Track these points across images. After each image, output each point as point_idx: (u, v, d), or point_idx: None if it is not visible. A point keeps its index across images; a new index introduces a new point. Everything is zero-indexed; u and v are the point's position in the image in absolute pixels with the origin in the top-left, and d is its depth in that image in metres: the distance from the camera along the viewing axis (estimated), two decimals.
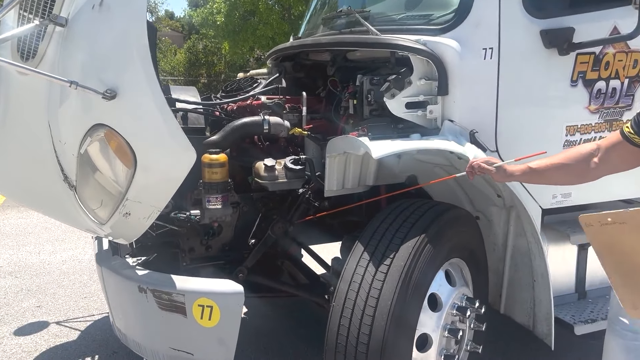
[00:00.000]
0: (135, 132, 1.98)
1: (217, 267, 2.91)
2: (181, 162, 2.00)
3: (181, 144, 1.99)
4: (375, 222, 2.39)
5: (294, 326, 3.90)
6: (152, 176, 2.05)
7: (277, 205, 2.97)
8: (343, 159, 2.66)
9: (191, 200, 2.75)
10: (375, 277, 2.18)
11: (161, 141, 1.98)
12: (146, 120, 1.96)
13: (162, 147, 1.99)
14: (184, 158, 2.00)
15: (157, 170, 2.03)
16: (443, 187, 3.05)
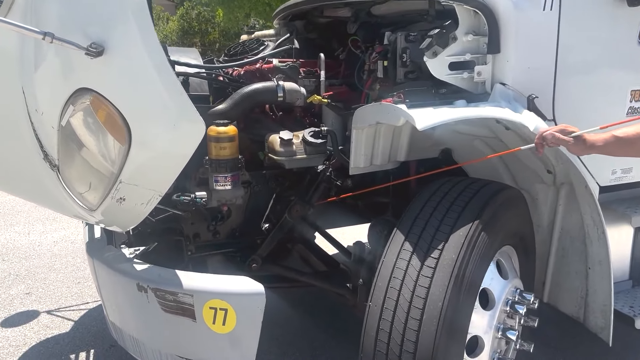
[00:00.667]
0: (129, 98, 1.58)
1: (226, 256, 2.55)
2: (188, 136, 1.61)
3: (187, 113, 1.59)
4: (416, 205, 2.01)
5: (309, 315, 3.57)
6: (151, 153, 1.66)
7: (293, 184, 2.60)
8: (372, 131, 2.27)
9: (196, 180, 2.37)
10: (421, 272, 1.82)
11: (162, 110, 1.59)
12: (142, 83, 1.56)
13: (163, 118, 1.60)
14: (191, 131, 1.61)
15: (157, 146, 1.64)
16: (480, 162, 2.68)
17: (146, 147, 1.64)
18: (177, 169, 1.70)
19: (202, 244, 2.51)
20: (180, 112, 1.59)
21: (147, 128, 1.61)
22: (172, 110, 1.59)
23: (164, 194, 1.77)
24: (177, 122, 1.60)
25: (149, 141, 1.63)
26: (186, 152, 1.64)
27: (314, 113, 2.84)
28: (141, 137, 1.61)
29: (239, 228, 2.58)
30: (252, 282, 1.80)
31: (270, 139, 2.44)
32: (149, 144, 1.64)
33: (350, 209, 2.81)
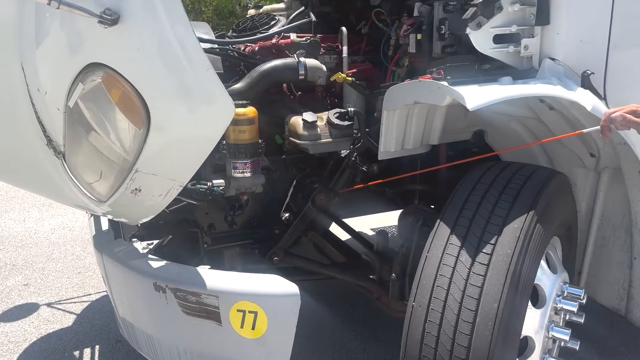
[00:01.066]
0: (148, 74, 1.37)
1: (243, 249, 2.36)
2: (215, 117, 1.41)
3: (215, 92, 1.38)
4: (461, 194, 1.83)
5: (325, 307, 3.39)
6: (173, 138, 1.46)
7: (315, 170, 2.40)
8: (405, 113, 2.08)
9: (211, 166, 2.17)
10: (472, 270, 1.63)
11: (186, 88, 1.37)
12: (163, 56, 1.35)
13: (187, 97, 1.39)
14: (219, 112, 1.41)
15: (179, 130, 1.44)
16: (514, 144, 2.49)
17: (167, 131, 1.43)
18: (202, 156, 1.50)
19: (218, 236, 2.31)
20: (207, 91, 1.38)
21: (168, 109, 1.40)
22: (197, 88, 1.37)
23: (185, 184, 1.56)
24: (204, 101, 1.39)
25: (170, 124, 1.42)
26: (213, 136, 1.44)
27: (334, 93, 2.63)
28: (161, 119, 1.40)
29: (257, 218, 2.38)
30: (285, 282, 1.61)
31: (292, 121, 2.23)
32: (171, 127, 1.43)
33: (375, 197, 2.61)
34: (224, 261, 2.32)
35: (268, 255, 2.26)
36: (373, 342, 3.03)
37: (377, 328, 3.16)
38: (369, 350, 2.97)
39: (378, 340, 3.05)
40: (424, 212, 2.20)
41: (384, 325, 3.18)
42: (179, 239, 2.15)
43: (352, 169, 2.31)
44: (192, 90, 1.38)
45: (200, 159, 1.50)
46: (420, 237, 2.12)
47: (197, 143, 1.47)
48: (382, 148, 2.12)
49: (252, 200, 2.33)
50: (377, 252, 2.64)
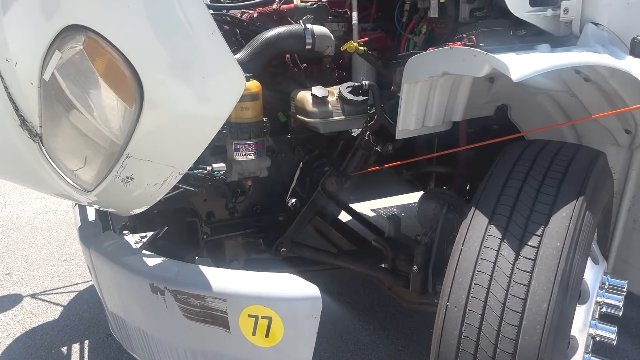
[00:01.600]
0: (140, 39, 1.12)
1: (245, 238, 2.14)
2: (222, 92, 1.17)
3: (222, 60, 1.14)
4: (497, 178, 1.61)
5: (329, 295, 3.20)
6: (171, 117, 1.22)
7: (324, 151, 2.17)
8: (427, 86, 1.85)
9: (210, 148, 1.93)
10: (516, 265, 1.43)
11: (187, 56, 1.13)
12: (159, 17, 1.10)
13: (188, 67, 1.14)
14: (227, 85, 1.17)
15: (179, 107, 1.19)
16: (540, 120, 2.29)
17: (164, 109, 1.19)
18: (205, 138, 1.26)
19: (218, 225, 2.09)
20: (213, 59, 1.14)
21: (165, 81, 1.15)
22: (201, 55, 1.13)
23: (185, 172, 1.33)
24: (208, 72, 1.14)
25: (168, 100, 1.18)
26: (219, 114, 1.21)
27: (342, 65, 2.38)
28: (157, 94, 1.16)
29: (260, 204, 2.16)
30: (303, 284, 1.40)
31: (299, 96, 1.99)
32: (169, 103, 1.19)
33: (390, 179, 2.40)
34: (225, 253, 2.10)
35: (275, 246, 2.04)
36: (382, 333, 2.85)
37: (385, 317, 2.99)
38: (378, 341, 2.79)
39: (387, 330, 2.87)
40: (449, 196, 1.99)
41: (392, 314, 3.00)
42: (176, 230, 1.92)
43: (365, 150, 2.09)
44: (195, 58, 1.14)
45: (204, 141, 1.27)
46: (445, 225, 1.91)
47: (200, 123, 1.23)
48: (400, 126, 1.90)
49: (255, 184, 2.10)
50: (389, 239, 2.44)
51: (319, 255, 2.18)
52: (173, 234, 1.90)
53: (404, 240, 2.44)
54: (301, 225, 2.08)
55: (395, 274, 2.21)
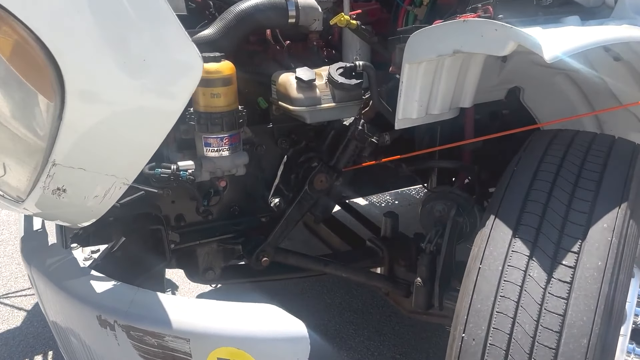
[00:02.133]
0: (57, 13, 0.81)
1: (222, 245, 1.85)
2: (174, 79, 0.86)
3: (173, 39, 0.84)
4: (521, 179, 1.34)
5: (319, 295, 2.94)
6: (106, 114, 0.91)
7: (311, 143, 1.88)
8: (433, 67, 1.56)
9: (175, 143, 1.63)
10: (548, 290, 1.17)
11: (122, 32, 0.82)
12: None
13: (124, 47, 0.83)
14: (180, 70, 0.86)
15: (116, 101, 0.88)
16: (556, 104, 2.02)
17: (92, 102, 0.88)
18: (154, 140, 0.97)
19: (189, 230, 1.80)
20: (157, 35, 0.83)
21: (91, 66, 0.84)
22: (139, 31, 0.82)
23: (131, 182, 1.03)
24: (152, 53, 0.84)
25: (96, 90, 0.87)
26: (172, 108, 0.92)
27: (330, 42, 2.07)
28: (81, 83, 0.86)
29: (239, 204, 1.87)
30: (287, 319, 1.12)
31: (282, 80, 1.69)
32: (98, 95, 0.88)
33: (387, 173, 2.11)
34: (197, 262, 1.81)
35: (255, 254, 1.76)
36: (377, 338, 2.60)
37: (380, 319, 2.74)
38: (373, 348, 2.54)
39: (382, 335, 2.62)
40: (457, 196, 1.71)
41: (388, 316, 2.75)
42: (137, 240, 1.63)
43: (359, 141, 1.80)
44: (130, 34, 0.83)
45: (153, 143, 0.98)
46: (454, 231, 1.64)
47: (145, 119, 0.93)
48: (400, 114, 1.62)
49: (232, 182, 1.81)
50: (385, 239, 2.18)
51: (307, 263, 1.91)
52: (133, 245, 1.60)
53: (402, 240, 2.18)
54: (286, 230, 1.80)
55: (394, 282, 1.94)
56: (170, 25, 0.87)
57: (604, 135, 1.50)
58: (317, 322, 2.72)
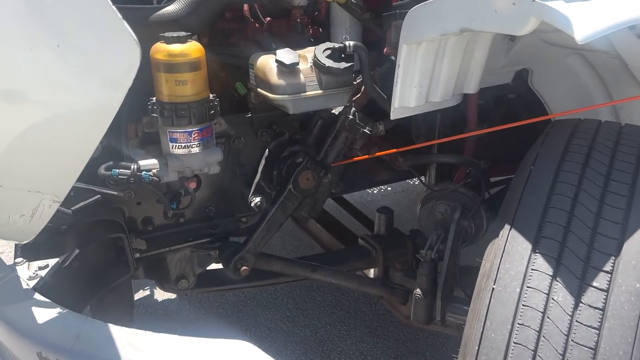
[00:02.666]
0: None
1: (197, 251, 1.64)
2: (105, 70, 0.65)
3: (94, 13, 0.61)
4: (540, 180, 1.14)
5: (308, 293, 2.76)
6: (19, 116, 0.69)
7: (296, 134, 1.66)
8: (434, 47, 1.35)
9: (137, 137, 1.42)
10: (576, 317, 0.98)
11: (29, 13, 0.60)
12: None
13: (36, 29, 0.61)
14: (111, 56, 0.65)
15: (18, 98, 0.66)
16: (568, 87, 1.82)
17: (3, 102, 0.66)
18: (85, 146, 0.75)
19: (157, 235, 1.59)
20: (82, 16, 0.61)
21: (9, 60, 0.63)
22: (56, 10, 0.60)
23: (63, 197, 0.81)
24: (69, 38, 0.62)
25: (7, 88, 0.65)
26: (102, 105, 0.71)
27: (317, 19, 1.84)
28: None
29: (214, 204, 1.66)
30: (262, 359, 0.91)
31: (260, 63, 1.46)
32: (8, 94, 0.66)
33: (381, 167, 1.90)
34: (167, 272, 1.61)
35: (233, 263, 1.56)
36: (370, 340, 2.43)
37: (373, 319, 2.56)
38: (367, 351, 2.36)
39: (376, 337, 2.45)
40: (461, 195, 1.51)
41: (381, 315, 2.57)
42: (94, 251, 1.42)
43: (350, 132, 1.60)
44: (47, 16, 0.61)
45: (84, 151, 0.76)
46: (458, 236, 1.44)
47: (71, 121, 0.71)
48: (396, 102, 1.42)
49: (206, 179, 1.60)
50: (379, 237, 1.98)
51: (293, 269, 1.71)
52: (91, 257, 1.39)
53: (398, 238, 1.98)
54: (268, 234, 1.60)
55: (390, 289, 1.75)
56: (104, 5, 0.65)
57: (633, 126, 1.30)
58: (306, 322, 2.54)
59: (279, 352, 2.36)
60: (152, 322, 2.55)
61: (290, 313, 2.61)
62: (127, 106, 1.35)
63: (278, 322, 2.55)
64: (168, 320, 2.58)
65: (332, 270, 1.76)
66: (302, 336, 2.46)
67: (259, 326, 2.52)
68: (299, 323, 2.54)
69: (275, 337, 2.45)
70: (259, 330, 2.49)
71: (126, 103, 1.00)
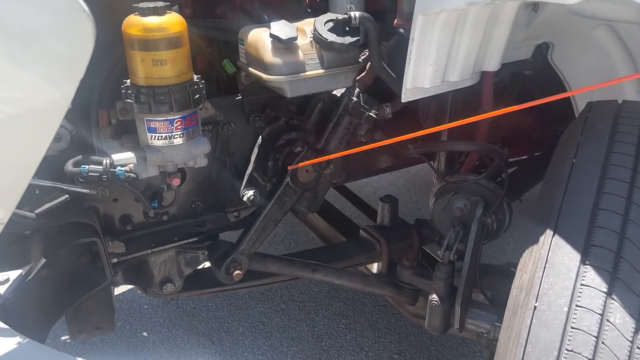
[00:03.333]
0: None
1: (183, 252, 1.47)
2: (50, 48, 0.46)
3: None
4: (586, 174, 0.97)
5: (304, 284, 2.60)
6: None
7: (292, 119, 1.47)
8: (454, 19, 1.17)
9: (111, 126, 1.23)
10: (637, 342, 0.82)
11: None
12: None
13: None
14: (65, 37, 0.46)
15: None
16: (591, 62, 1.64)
17: None
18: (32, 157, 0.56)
19: (138, 235, 1.40)
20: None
21: None
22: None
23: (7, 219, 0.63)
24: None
25: None
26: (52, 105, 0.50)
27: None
28: None
29: (202, 198, 1.48)
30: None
31: (252, 38, 1.26)
32: None
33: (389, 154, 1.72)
34: (151, 277, 1.44)
35: (225, 266, 1.38)
36: (371, 335, 2.29)
37: (374, 311, 2.41)
38: (367, 347, 2.22)
39: (377, 330, 2.31)
40: (483, 188, 1.34)
41: (382, 307, 2.43)
42: (65, 259, 1.23)
43: (354, 116, 1.41)
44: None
45: (29, 159, 0.57)
46: (480, 235, 1.28)
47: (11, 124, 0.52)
48: (409, 83, 1.25)
49: (192, 171, 1.41)
50: (383, 228, 1.82)
51: (291, 269, 1.54)
52: (60, 266, 1.21)
53: (403, 230, 1.82)
54: (263, 232, 1.42)
55: (398, 288, 1.59)
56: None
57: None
58: (302, 315, 2.39)
59: (274, 349, 2.21)
60: (137, 320, 2.38)
61: (286, 306, 2.45)
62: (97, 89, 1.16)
63: (272, 316, 2.39)
64: (155, 316, 2.41)
65: (334, 269, 1.60)
66: (299, 331, 2.31)
67: (252, 320, 2.36)
68: (294, 317, 2.39)
69: (270, 333, 2.29)
70: (252, 326, 2.33)
71: (96, 86, 0.82)
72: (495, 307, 1.32)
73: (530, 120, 2.06)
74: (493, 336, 1.29)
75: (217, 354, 2.20)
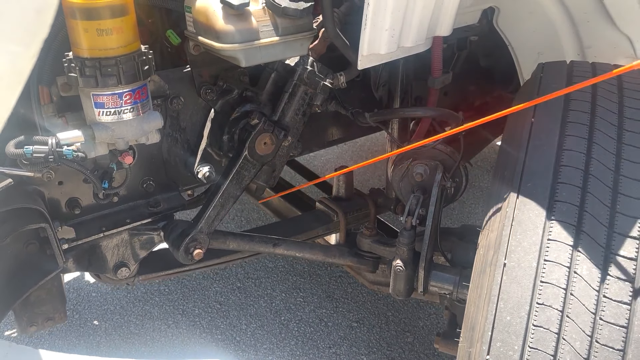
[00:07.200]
0: None
1: (137, 234, 1.40)
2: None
3: None
4: (545, 131, 1.00)
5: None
6: None
7: (246, 91, 1.42)
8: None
9: (51, 102, 1.14)
10: (604, 291, 0.87)
11: None
12: None
13: None
14: None
15: None
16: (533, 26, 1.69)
17: None
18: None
19: (88, 219, 1.33)
20: None
21: None
22: None
23: None
24: None
25: None
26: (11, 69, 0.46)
27: None
28: None
29: (154, 177, 1.41)
30: None
31: (200, 5, 1.20)
32: None
33: (338, 124, 1.70)
34: (105, 263, 1.37)
35: (184, 245, 1.33)
36: (329, 305, 2.31)
37: (330, 282, 2.43)
38: (326, 317, 2.24)
39: (335, 301, 2.33)
40: (440, 153, 1.35)
41: (338, 277, 2.45)
42: (12, 248, 1.15)
43: (310, 85, 1.38)
44: None
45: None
46: (440, 199, 1.29)
47: None
48: (365, 49, 1.24)
49: (142, 149, 1.34)
50: (339, 199, 1.83)
51: (252, 245, 1.51)
52: (6, 256, 1.13)
53: (359, 200, 1.83)
54: (223, 209, 1.38)
55: (358, 257, 1.59)
56: None
57: None
58: (259, 292, 2.37)
59: (232, 327, 2.19)
60: (86, 309, 2.28)
61: (241, 284, 2.42)
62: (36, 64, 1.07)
63: (229, 295, 2.36)
64: (105, 303, 2.32)
65: (295, 242, 1.58)
66: (257, 307, 2.29)
67: (208, 301, 2.32)
68: (251, 294, 2.36)
69: (228, 312, 2.26)
70: (208, 306, 2.29)
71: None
72: (457, 268, 1.35)
73: (476, 86, 2.11)
74: (456, 296, 1.33)
75: (174, 337, 2.15)
